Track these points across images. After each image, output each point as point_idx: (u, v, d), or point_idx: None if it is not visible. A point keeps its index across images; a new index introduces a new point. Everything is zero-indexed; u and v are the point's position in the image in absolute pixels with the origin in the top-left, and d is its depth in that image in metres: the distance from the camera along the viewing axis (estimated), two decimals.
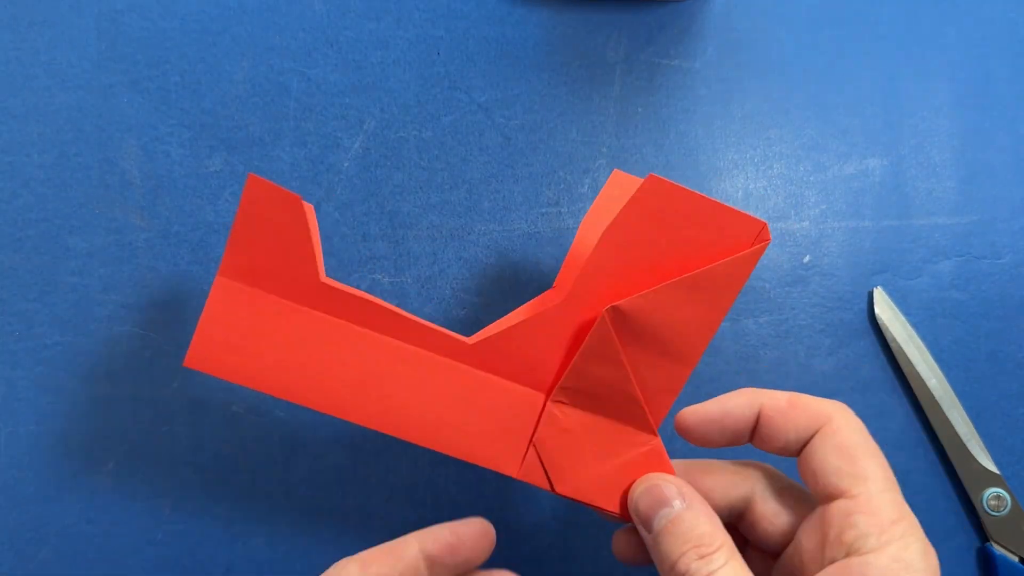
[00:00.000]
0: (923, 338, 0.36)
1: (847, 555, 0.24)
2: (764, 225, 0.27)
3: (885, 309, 0.36)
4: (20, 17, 0.37)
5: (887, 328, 0.35)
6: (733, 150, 0.37)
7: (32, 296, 0.35)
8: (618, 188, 0.31)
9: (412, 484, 0.35)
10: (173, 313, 0.35)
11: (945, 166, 0.37)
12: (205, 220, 0.36)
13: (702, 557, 0.25)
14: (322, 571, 0.27)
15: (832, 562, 0.24)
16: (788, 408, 0.27)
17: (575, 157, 0.37)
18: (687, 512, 0.26)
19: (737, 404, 0.27)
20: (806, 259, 0.36)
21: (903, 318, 0.36)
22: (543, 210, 0.36)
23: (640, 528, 0.27)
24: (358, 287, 0.35)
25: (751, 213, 0.36)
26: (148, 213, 0.36)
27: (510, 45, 0.37)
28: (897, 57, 0.38)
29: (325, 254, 0.36)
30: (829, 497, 0.25)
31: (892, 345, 0.35)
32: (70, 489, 0.34)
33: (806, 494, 0.28)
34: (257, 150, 0.36)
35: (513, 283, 0.36)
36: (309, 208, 0.28)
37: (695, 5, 0.38)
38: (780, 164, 0.37)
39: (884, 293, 0.36)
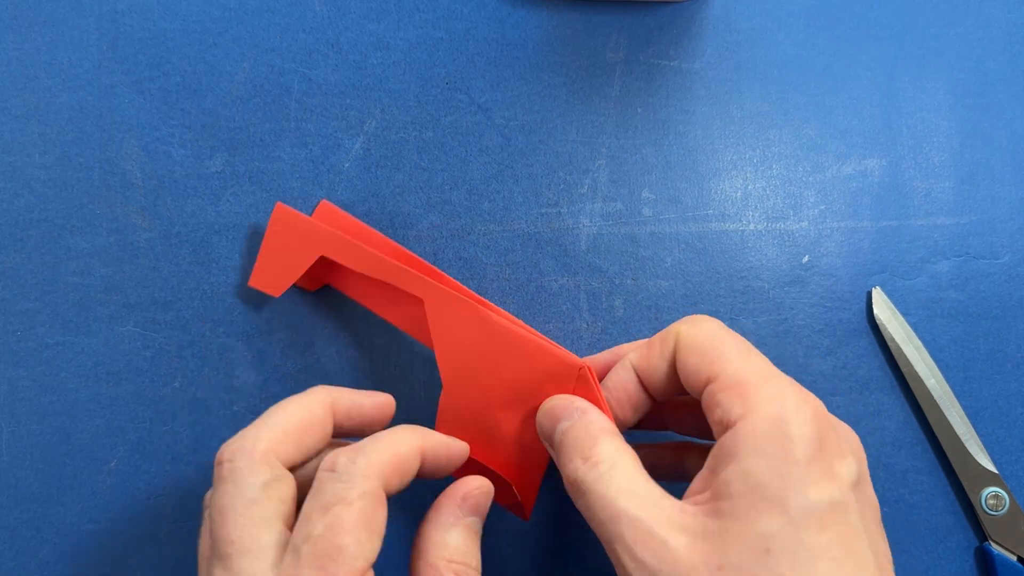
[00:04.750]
0: (922, 338, 0.36)
1: (720, 435, 0.23)
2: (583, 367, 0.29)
3: (884, 309, 0.36)
4: (21, 17, 0.37)
5: (886, 328, 0.35)
6: (732, 151, 0.37)
7: (34, 296, 0.35)
8: None
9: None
10: (175, 313, 0.35)
11: (944, 166, 0.37)
12: (206, 220, 0.36)
13: (586, 461, 0.25)
14: None
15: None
16: (643, 358, 0.28)
17: (575, 157, 0.37)
18: (577, 423, 0.26)
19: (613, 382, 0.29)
20: (805, 259, 0.37)
21: (901, 318, 0.36)
22: (543, 210, 0.36)
23: (548, 447, 0.28)
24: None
25: (750, 213, 0.37)
26: (149, 213, 0.36)
27: (510, 46, 0.37)
28: (896, 58, 0.38)
29: None
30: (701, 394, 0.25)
31: (891, 345, 0.35)
32: (71, 488, 0.34)
33: None
34: (258, 150, 0.36)
35: (513, 283, 0.36)
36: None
37: (694, 6, 0.38)
38: (779, 164, 0.37)
39: (883, 293, 0.36)
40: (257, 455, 0.24)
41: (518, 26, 0.38)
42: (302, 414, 0.26)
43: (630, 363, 0.28)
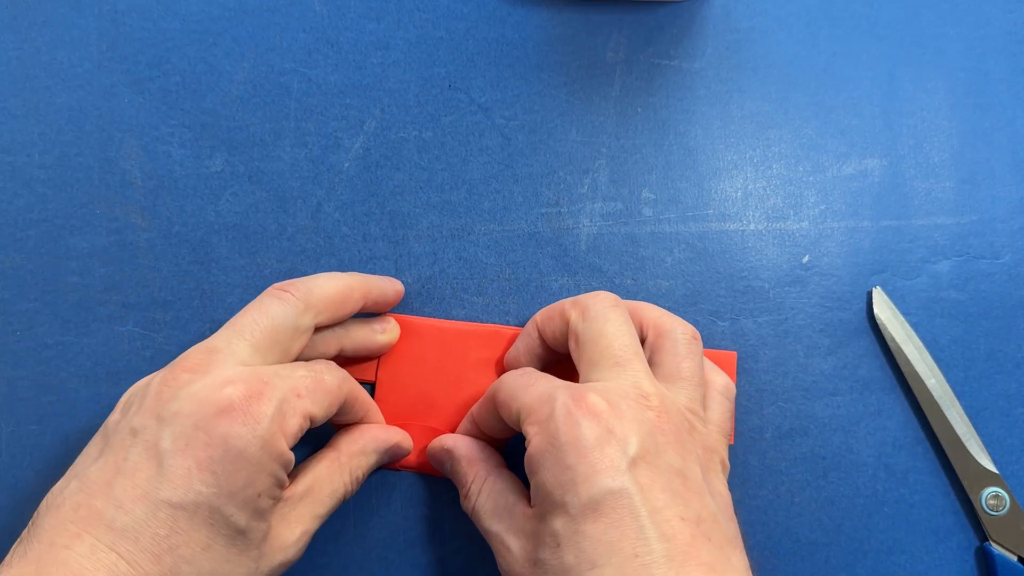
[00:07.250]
0: (922, 338, 0.36)
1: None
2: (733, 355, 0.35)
3: (884, 309, 0.36)
4: (21, 17, 0.37)
5: (886, 328, 0.35)
6: (732, 150, 0.37)
7: (33, 296, 0.35)
8: None
9: (412, 483, 0.35)
10: (174, 313, 0.35)
11: (944, 166, 0.37)
12: (206, 220, 0.36)
13: (465, 495, 0.31)
14: (324, 571, 0.27)
15: None
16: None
17: (575, 157, 0.37)
18: (457, 465, 0.32)
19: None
20: (805, 259, 0.36)
21: (902, 318, 0.36)
22: (543, 210, 0.36)
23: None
24: None
25: (751, 213, 0.37)
26: (149, 213, 0.36)
27: (510, 46, 0.37)
28: (896, 57, 0.38)
29: (327, 254, 0.36)
30: None
31: (891, 345, 0.35)
32: None
33: None
34: (258, 150, 0.36)
35: (513, 283, 0.36)
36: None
37: (694, 6, 0.38)
38: (779, 164, 0.37)
39: (883, 293, 0.36)
40: (306, 303, 0.30)
41: (518, 26, 0.38)
42: (343, 291, 0.32)
43: (535, 323, 0.33)
